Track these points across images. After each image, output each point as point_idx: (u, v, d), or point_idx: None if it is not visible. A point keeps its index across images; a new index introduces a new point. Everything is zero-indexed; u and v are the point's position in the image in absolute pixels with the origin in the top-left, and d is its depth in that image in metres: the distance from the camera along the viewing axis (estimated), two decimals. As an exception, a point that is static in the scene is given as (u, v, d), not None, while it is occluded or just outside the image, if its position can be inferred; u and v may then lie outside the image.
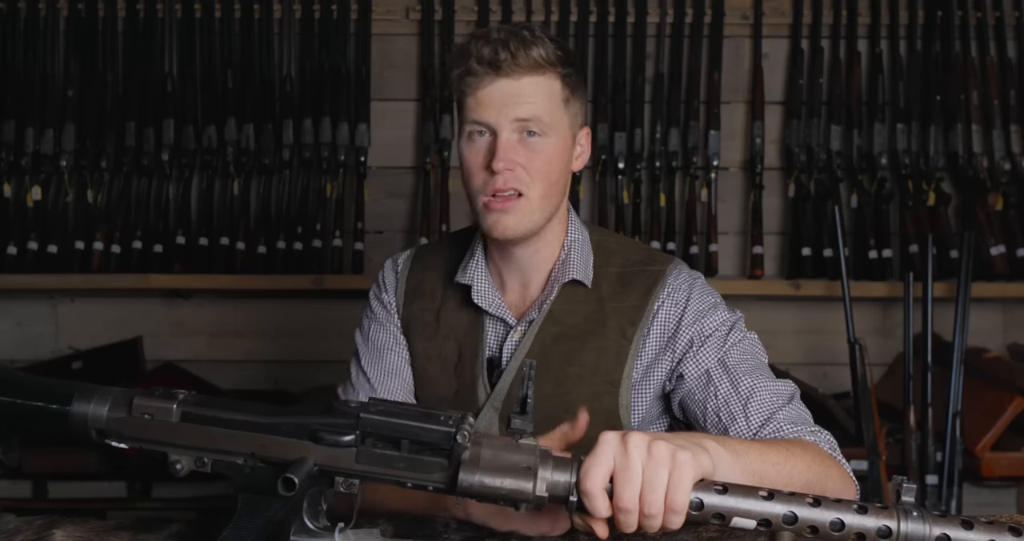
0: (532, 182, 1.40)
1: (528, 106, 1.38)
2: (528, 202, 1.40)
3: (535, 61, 1.37)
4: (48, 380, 1.05)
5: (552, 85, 1.40)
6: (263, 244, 2.89)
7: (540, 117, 1.39)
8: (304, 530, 1.01)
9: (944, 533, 0.92)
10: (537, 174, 1.40)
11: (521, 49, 1.36)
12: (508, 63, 1.36)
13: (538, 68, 1.38)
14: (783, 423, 1.33)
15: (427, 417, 0.97)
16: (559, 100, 1.41)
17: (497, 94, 1.38)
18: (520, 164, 1.39)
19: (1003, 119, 2.96)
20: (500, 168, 1.37)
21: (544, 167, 1.40)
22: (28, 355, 3.03)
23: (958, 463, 2.57)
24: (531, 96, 1.38)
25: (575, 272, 1.47)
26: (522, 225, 1.41)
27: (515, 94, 1.38)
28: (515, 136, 1.39)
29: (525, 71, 1.37)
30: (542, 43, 1.38)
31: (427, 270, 1.56)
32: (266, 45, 2.97)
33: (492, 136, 1.39)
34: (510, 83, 1.38)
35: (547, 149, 1.40)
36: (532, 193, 1.40)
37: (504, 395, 1.46)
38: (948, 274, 2.82)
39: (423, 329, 1.53)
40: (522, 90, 1.38)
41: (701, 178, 2.98)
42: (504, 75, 1.37)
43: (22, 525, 1.15)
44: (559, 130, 1.41)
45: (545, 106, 1.39)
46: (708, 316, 1.43)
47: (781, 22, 3.03)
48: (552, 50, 1.39)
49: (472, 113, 1.39)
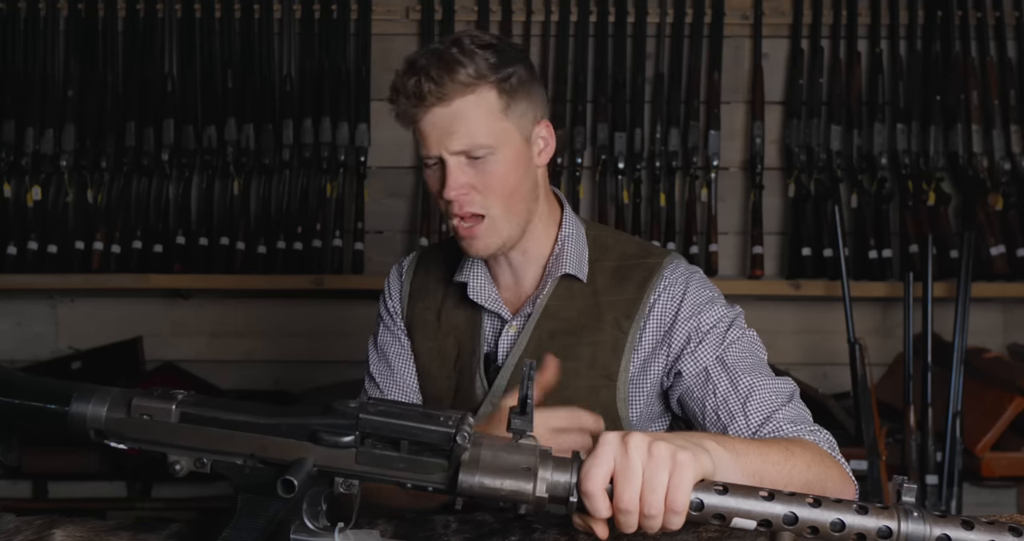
0: (488, 201, 1.40)
1: (463, 135, 1.36)
2: (492, 221, 1.41)
3: (461, 83, 1.35)
4: (47, 380, 1.05)
5: (486, 99, 1.37)
6: (263, 244, 2.89)
7: (478, 141, 1.37)
8: (304, 530, 1.00)
9: (944, 533, 0.92)
10: (491, 192, 1.39)
11: (444, 75, 1.34)
12: (433, 93, 1.35)
13: (468, 86, 1.35)
14: (782, 422, 1.32)
15: (427, 418, 0.97)
16: (497, 112, 1.38)
17: (431, 127, 1.37)
18: (472, 186, 1.39)
19: (1003, 119, 2.96)
20: (452, 196, 1.38)
21: (498, 183, 1.39)
22: (28, 355, 3.03)
23: (958, 463, 2.57)
24: (464, 121, 1.36)
25: (568, 266, 1.47)
26: (493, 244, 1.42)
27: (448, 124, 1.36)
28: (462, 160, 1.38)
29: (452, 95, 1.35)
30: (470, 58, 1.35)
31: (430, 271, 1.59)
32: (266, 45, 2.97)
33: (441, 164, 1.40)
34: (441, 112, 1.36)
35: (497, 166, 1.39)
36: (493, 211, 1.40)
37: (502, 391, 1.46)
38: (948, 274, 2.82)
39: (425, 328, 1.56)
40: (455, 116, 1.36)
41: (701, 178, 2.98)
42: (433, 105, 1.36)
43: (22, 525, 1.15)
44: (506, 141, 1.39)
45: (482, 126, 1.37)
46: (706, 311, 1.43)
47: (781, 22, 3.03)
48: (482, 61, 1.36)
49: (419, 146, 1.42)
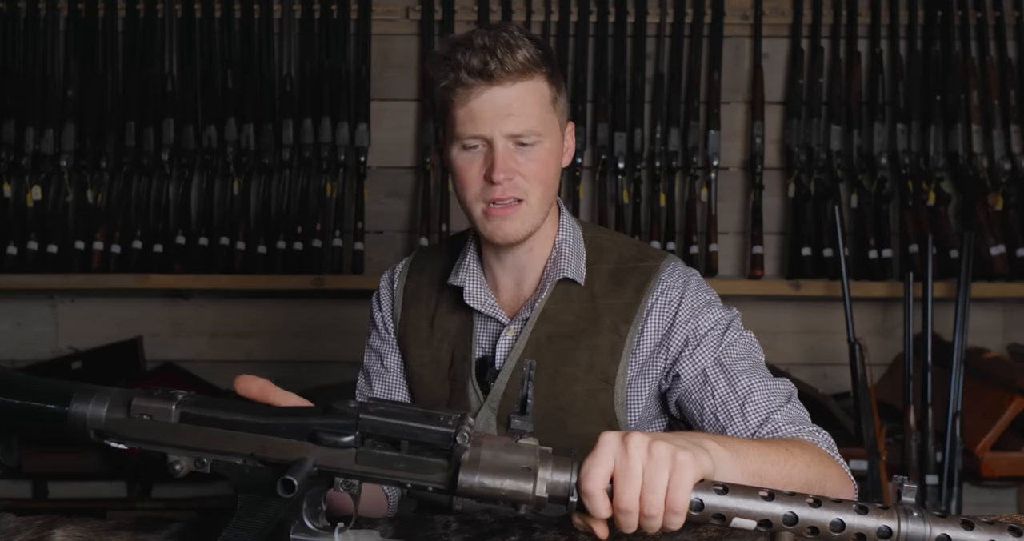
0: (530, 188, 1.40)
1: (521, 119, 1.37)
2: (528, 207, 1.41)
3: (522, 65, 1.36)
4: (47, 380, 1.05)
5: (541, 88, 1.39)
6: (263, 244, 2.89)
7: (532, 127, 1.38)
8: (304, 530, 1.00)
9: (944, 533, 0.92)
10: (535, 179, 1.40)
11: (508, 54, 1.35)
12: (498, 71, 1.35)
13: (526, 72, 1.37)
14: (781, 423, 1.32)
15: (427, 418, 0.97)
16: (548, 102, 1.41)
17: (489, 106, 1.36)
18: (518, 172, 1.39)
19: (1003, 119, 2.96)
20: (501, 179, 1.38)
21: (541, 172, 1.40)
22: (28, 355, 3.03)
23: (958, 463, 2.57)
24: (523, 105, 1.37)
25: (566, 270, 1.47)
26: (524, 229, 1.42)
27: (507, 105, 1.36)
28: (511, 145, 1.39)
29: (515, 77, 1.36)
30: (525, 44, 1.37)
31: (423, 274, 1.58)
32: (266, 45, 2.97)
33: (487, 146, 1.39)
34: (502, 92, 1.36)
35: (542, 154, 1.40)
36: (531, 198, 1.41)
37: (501, 395, 1.46)
38: (948, 274, 2.82)
39: (418, 335, 1.55)
40: (514, 100, 1.37)
41: (701, 178, 2.98)
42: (496, 84, 1.36)
43: (22, 525, 1.15)
44: (551, 132, 1.41)
45: (537, 113, 1.39)
46: (703, 314, 1.43)
47: (781, 22, 3.03)
48: (534, 50, 1.38)
49: (465, 126, 1.38)
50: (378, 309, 1.60)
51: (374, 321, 1.60)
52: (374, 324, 1.60)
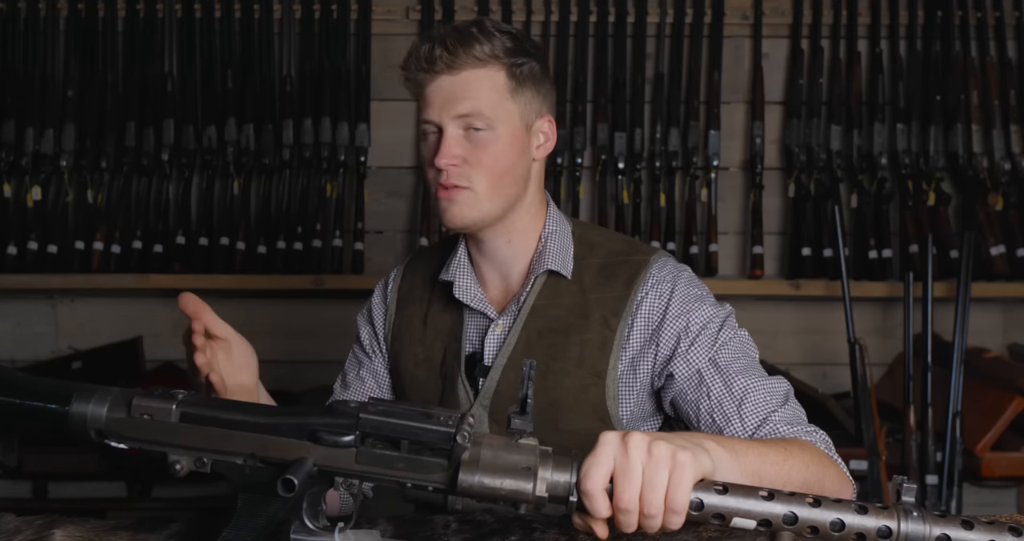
0: (476, 175, 1.40)
1: (467, 102, 1.39)
2: (473, 194, 1.41)
3: (475, 57, 1.39)
4: (47, 380, 1.05)
5: (495, 77, 1.41)
6: (263, 244, 2.89)
7: (481, 111, 1.39)
8: (304, 530, 1.01)
9: (944, 533, 0.92)
10: (481, 167, 1.40)
11: (459, 46, 1.39)
12: (445, 59, 1.39)
13: (478, 62, 1.39)
14: (779, 424, 1.32)
15: (427, 417, 0.97)
16: (504, 91, 1.41)
17: (438, 91, 1.40)
18: (464, 158, 1.40)
19: (1003, 119, 2.96)
20: (442, 164, 1.40)
21: (490, 161, 1.41)
22: (28, 355, 3.03)
23: (958, 463, 2.57)
24: (471, 90, 1.39)
25: (551, 262, 1.46)
26: (470, 215, 1.42)
27: (453, 90, 1.39)
28: (460, 132, 1.41)
29: (463, 66, 1.39)
30: (488, 38, 1.40)
31: (416, 276, 1.59)
32: (266, 45, 2.97)
33: (439, 133, 1.41)
34: (449, 79, 1.39)
35: (492, 143, 1.41)
36: (478, 186, 1.41)
37: (492, 393, 1.46)
38: (948, 274, 2.82)
39: (412, 335, 1.55)
40: (461, 85, 1.39)
41: (701, 178, 2.98)
42: (442, 72, 1.39)
43: (22, 525, 1.15)
44: (506, 121, 1.42)
45: (487, 99, 1.40)
46: (695, 310, 1.42)
47: (781, 22, 3.03)
48: (500, 44, 1.40)
49: (421, 112, 1.43)
50: (366, 323, 1.61)
51: (359, 334, 1.62)
52: (358, 337, 1.62)
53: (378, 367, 1.59)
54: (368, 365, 1.60)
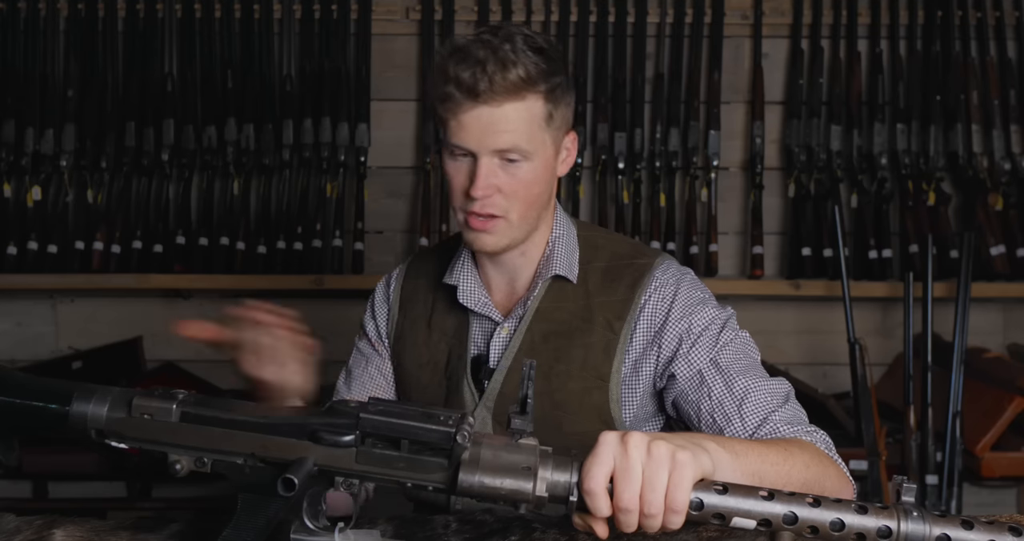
0: (510, 205, 1.39)
1: (507, 136, 1.35)
2: (507, 223, 1.40)
3: (514, 85, 1.33)
4: (48, 380, 1.05)
5: (533, 108, 1.36)
6: (263, 244, 2.89)
7: (519, 146, 1.36)
8: (304, 530, 1.01)
9: (944, 533, 0.92)
10: (516, 197, 1.39)
11: (499, 72, 1.32)
12: (486, 90, 1.32)
13: (518, 93, 1.34)
14: (779, 424, 1.32)
15: (427, 417, 0.97)
16: (541, 121, 1.38)
17: (476, 121, 1.34)
18: (499, 188, 1.38)
19: (1003, 119, 2.96)
20: (479, 195, 1.37)
21: (524, 190, 1.39)
22: (28, 355, 3.03)
23: (958, 463, 2.57)
24: (511, 123, 1.35)
25: (559, 267, 1.46)
26: (501, 243, 1.42)
27: (494, 123, 1.34)
28: (495, 161, 1.37)
29: (505, 97, 1.33)
30: (524, 58, 1.34)
31: (420, 277, 1.58)
32: (266, 45, 2.97)
33: (472, 159, 1.38)
34: (489, 111, 1.34)
35: (527, 173, 1.38)
36: (511, 215, 1.40)
37: (496, 394, 1.46)
38: (948, 274, 2.82)
39: (416, 338, 1.55)
40: (502, 118, 1.34)
41: (701, 178, 2.98)
42: (483, 102, 1.33)
43: (22, 525, 1.15)
44: (541, 151, 1.39)
45: (525, 133, 1.36)
46: (697, 312, 1.42)
47: (781, 22, 3.03)
48: (534, 65, 1.34)
49: (453, 136, 1.37)
50: (371, 318, 1.60)
51: (365, 329, 1.60)
52: (365, 332, 1.60)
53: (385, 364, 1.58)
54: (376, 362, 1.58)
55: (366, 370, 1.58)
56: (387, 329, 1.58)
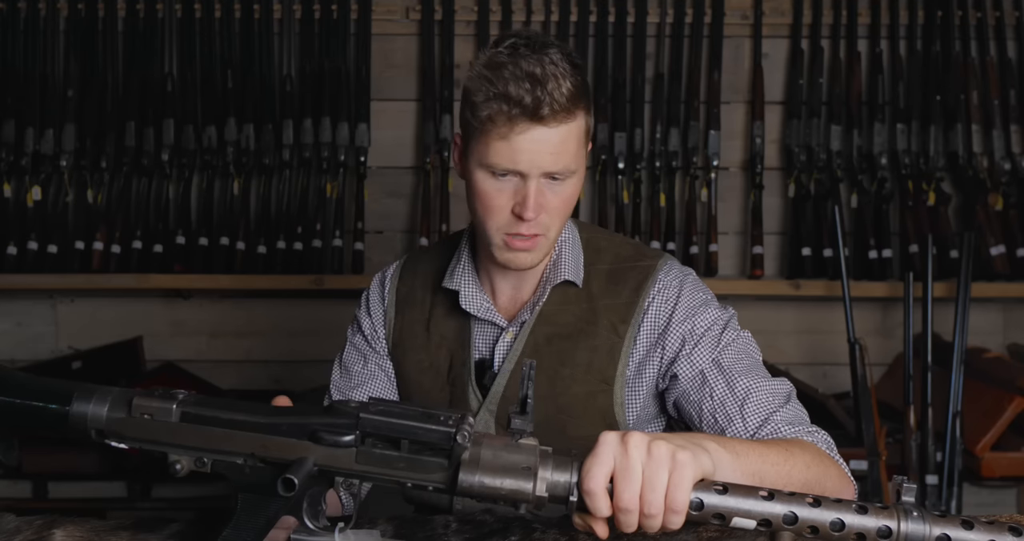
0: (551, 222, 1.38)
1: (561, 159, 1.33)
2: (546, 239, 1.39)
3: (568, 101, 1.30)
4: (48, 380, 1.05)
5: (580, 125, 1.34)
6: (263, 244, 2.89)
7: (570, 167, 1.35)
8: (304, 530, 1.01)
9: (944, 533, 0.92)
10: (557, 213, 1.38)
11: (557, 89, 1.28)
12: (547, 111, 1.28)
13: (571, 111, 1.31)
14: (780, 424, 1.32)
15: (427, 417, 0.97)
16: (584, 138, 1.37)
17: (530, 143, 1.30)
18: (544, 208, 1.36)
19: (1003, 119, 2.96)
20: (531, 217, 1.35)
21: (563, 207, 1.38)
22: (28, 355, 3.03)
23: (958, 463, 2.57)
24: (564, 144, 1.32)
25: (566, 273, 1.46)
26: (537, 259, 1.41)
27: (548, 144, 1.31)
28: (543, 181, 1.35)
29: (560, 117, 1.30)
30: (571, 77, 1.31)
31: (416, 277, 1.56)
32: (266, 45, 2.97)
33: (519, 179, 1.34)
34: (546, 132, 1.30)
35: (570, 189, 1.38)
36: (551, 232, 1.39)
37: (499, 398, 1.45)
38: (948, 274, 2.82)
39: (415, 341, 1.53)
40: (558, 140, 1.31)
41: (701, 178, 2.98)
42: (541, 124, 1.29)
43: (22, 525, 1.15)
44: (582, 166, 1.39)
45: (575, 153, 1.35)
46: (700, 314, 1.42)
47: (781, 22, 3.03)
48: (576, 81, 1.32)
49: (501, 157, 1.32)
50: (367, 315, 1.57)
51: (360, 326, 1.57)
52: (360, 329, 1.57)
53: (385, 361, 1.56)
54: (376, 359, 1.55)
55: (366, 367, 1.55)
56: (384, 331, 1.56)
